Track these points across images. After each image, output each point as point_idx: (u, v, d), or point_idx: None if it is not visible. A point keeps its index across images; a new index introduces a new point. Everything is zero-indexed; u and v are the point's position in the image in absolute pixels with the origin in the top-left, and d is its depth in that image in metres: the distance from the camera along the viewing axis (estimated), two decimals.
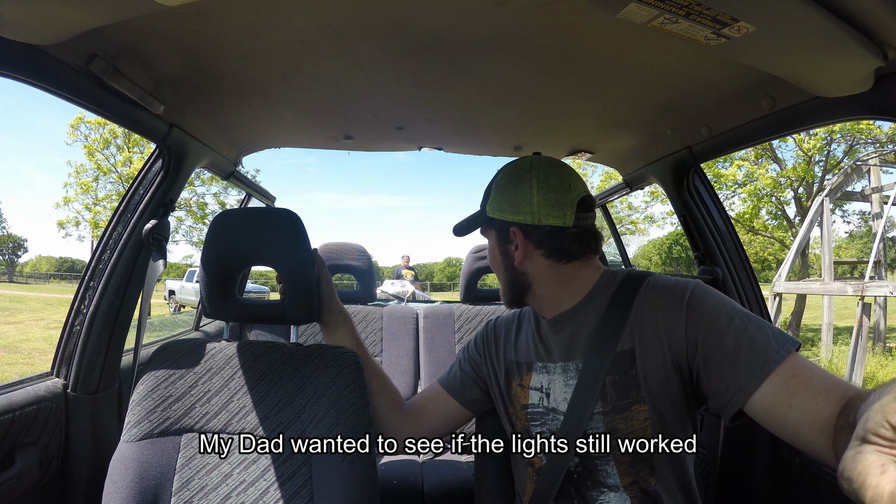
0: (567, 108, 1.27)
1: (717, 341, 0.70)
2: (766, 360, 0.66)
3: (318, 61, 0.99)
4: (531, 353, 0.88)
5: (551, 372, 0.84)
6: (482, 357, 0.97)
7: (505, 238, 0.87)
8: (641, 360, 0.75)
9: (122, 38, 0.85)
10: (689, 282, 0.77)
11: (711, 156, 1.33)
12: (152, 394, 0.88)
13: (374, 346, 2.07)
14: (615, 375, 0.76)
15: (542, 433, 0.83)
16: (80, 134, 15.49)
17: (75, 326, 1.14)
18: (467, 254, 2.17)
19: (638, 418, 0.75)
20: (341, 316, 1.02)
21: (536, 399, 0.84)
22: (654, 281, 0.80)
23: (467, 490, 1.52)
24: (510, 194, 0.85)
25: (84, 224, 16.75)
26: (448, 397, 0.98)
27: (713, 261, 1.44)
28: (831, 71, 0.75)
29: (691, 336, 0.72)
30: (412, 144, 1.65)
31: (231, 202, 17.37)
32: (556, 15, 0.78)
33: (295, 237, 0.89)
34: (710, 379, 0.71)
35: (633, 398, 0.75)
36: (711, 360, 0.70)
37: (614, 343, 0.77)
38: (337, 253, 2.13)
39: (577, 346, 0.82)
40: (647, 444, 0.75)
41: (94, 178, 15.97)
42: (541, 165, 0.85)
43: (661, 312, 0.75)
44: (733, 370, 0.68)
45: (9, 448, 0.95)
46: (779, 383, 0.64)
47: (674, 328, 0.73)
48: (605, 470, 0.78)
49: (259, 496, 0.82)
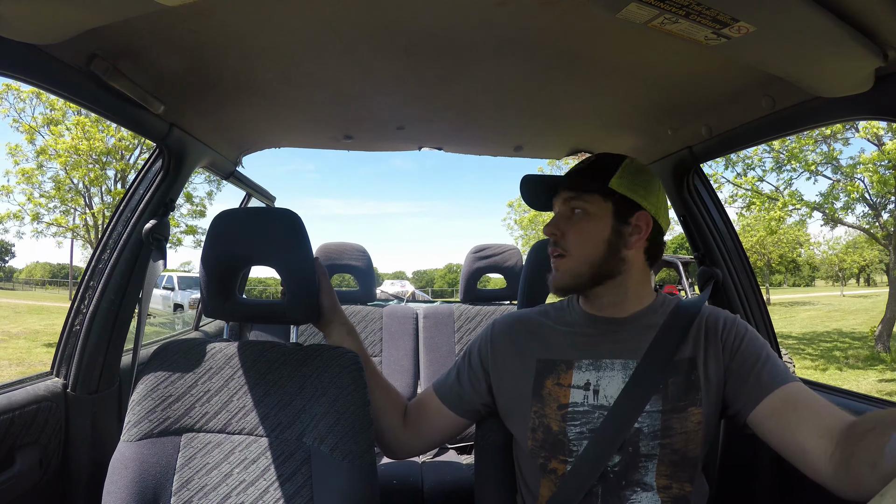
0: (567, 108, 1.27)
1: (750, 355, 0.81)
2: (781, 376, 0.77)
3: (318, 61, 0.99)
4: (571, 351, 0.86)
5: (602, 368, 0.83)
6: (486, 366, 0.93)
7: (625, 218, 0.83)
8: (703, 368, 0.81)
9: (122, 38, 0.85)
10: (736, 315, 0.89)
11: (711, 156, 1.33)
12: (152, 393, 0.88)
13: (374, 346, 2.06)
14: (677, 378, 0.81)
15: (580, 433, 0.81)
16: (8, 104, 11.02)
17: (75, 326, 1.14)
18: (467, 254, 2.17)
19: (693, 420, 0.79)
20: (345, 328, 1.00)
21: (580, 398, 0.82)
22: (709, 306, 0.90)
23: (467, 490, 1.52)
24: (645, 179, 0.85)
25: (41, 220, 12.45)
26: (442, 407, 0.95)
27: (713, 262, 1.44)
28: (831, 71, 0.75)
29: (735, 348, 0.82)
30: (412, 144, 1.65)
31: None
32: (556, 15, 0.78)
33: (295, 237, 0.89)
34: (736, 383, 0.80)
35: (690, 400, 0.80)
36: (741, 369, 0.80)
37: (674, 351, 0.82)
38: (337, 253, 2.13)
39: (634, 349, 0.83)
40: (697, 448, 0.79)
41: (38, 165, 12.04)
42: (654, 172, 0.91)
43: (721, 327, 0.84)
44: (757, 377, 0.78)
45: (9, 448, 0.95)
46: (789, 393, 0.75)
47: (730, 341, 0.83)
48: (646, 468, 0.79)
49: (259, 496, 0.82)
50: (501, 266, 2.12)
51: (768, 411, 0.74)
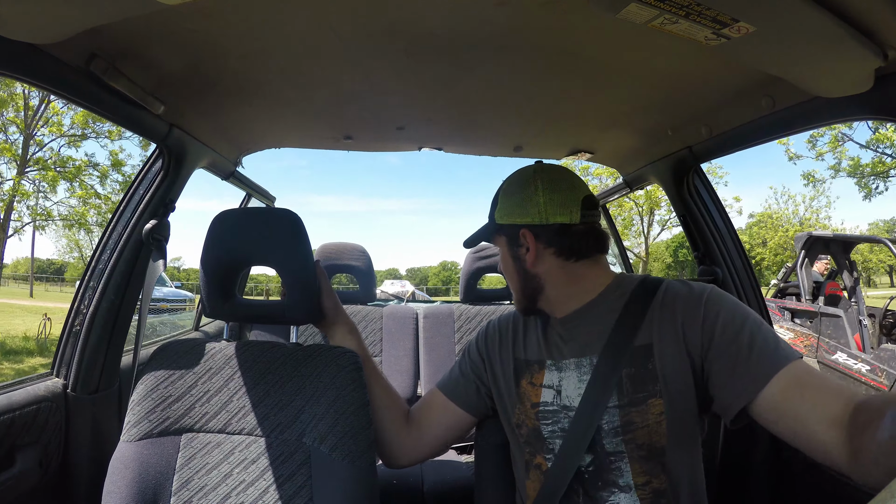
0: (567, 108, 1.27)
1: (731, 339, 0.73)
2: (777, 359, 0.69)
3: (318, 61, 0.99)
4: (542, 352, 0.88)
5: (563, 369, 0.84)
6: (484, 358, 0.96)
7: (515, 242, 0.88)
8: (659, 355, 0.77)
9: (122, 38, 0.85)
10: (706, 284, 0.81)
11: (711, 156, 1.33)
12: (152, 394, 0.88)
13: (374, 346, 2.06)
14: (631, 369, 0.77)
15: (553, 432, 0.82)
16: None
17: (75, 326, 1.14)
18: (467, 254, 2.16)
19: (653, 412, 0.76)
20: (347, 328, 1.00)
21: (549, 397, 0.83)
22: (671, 282, 0.84)
23: (467, 490, 1.52)
24: (517, 198, 0.87)
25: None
26: (449, 403, 0.96)
27: (713, 261, 1.44)
28: (831, 71, 0.75)
29: (707, 332, 0.75)
30: (412, 144, 1.65)
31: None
32: (556, 15, 0.79)
33: (295, 237, 0.89)
34: (721, 375, 0.73)
35: (649, 391, 0.76)
36: (724, 357, 0.73)
37: (631, 338, 0.79)
38: (336, 253, 2.13)
39: (592, 342, 0.82)
40: (662, 439, 0.76)
41: None
42: (544, 170, 0.89)
43: (680, 309, 0.78)
44: (745, 365, 0.70)
45: (9, 448, 0.95)
46: (789, 379, 0.67)
47: (691, 324, 0.76)
48: (619, 468, 0.78)
49: (259, 496, 0.82)
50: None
51: (768, 405, 0.68)
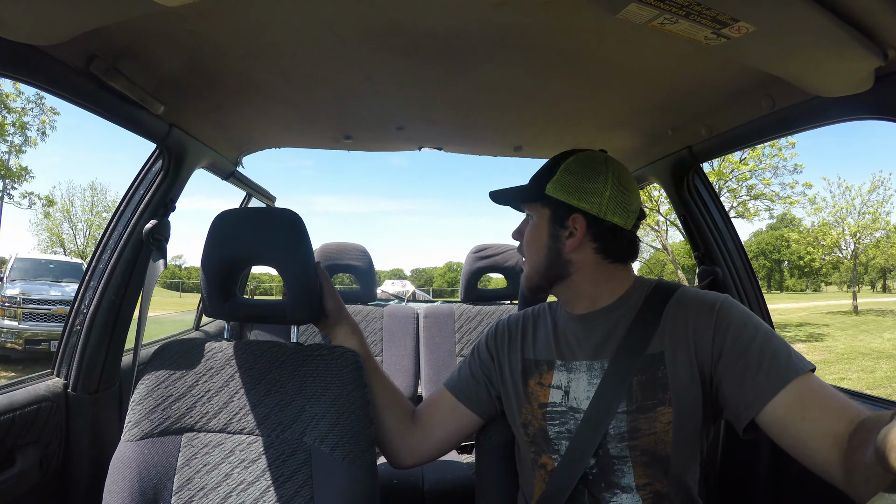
0: (567, 108, 1.27)
1: (741, 350, 0.73)
2: (785, 372, 0.69)
3: (318, 61, 0.99)
4: (552, 352, 0.87)
5: (573, 370, 0.83)
6: (493, 357, 0.94)
7: (561, 222, 0.84)
8: (671, 364, 0.77)
9: (122, 38, 0.85)
10: (720, 294, 0.81)
11: (711, 156, 1.33)
12: (152, 393, 0.88)
13: (375, 345, 2.06)
14: (642, 376, 0.77)
15: (559, 433, 0.82)
16: None
17: (75, 326, 1.14)
18: (468, 253, 2.17)
19: (662, 420, 0.76)
20: (350, 328, 1.00)
21: (558, 398, 0.83)
22: (685, 290, 0.84)
23: (467, 489, 1.52)
24: (582, 180, 0.83)
25: None
26: (458, 404, 0.94)
27: (713, 261, 1.44)
28: (831, 71, 0.75)
29: (718, 343, 0.75)
30: (412, 144, 1.65)
31: None
32: (556, 15, 0.78)
33: (296, 237, 0.89)
34: (731, 386, 0.73)
35: (658, 399, 0.76)
36: (734, 368, 0.73)
37: (644, 346, 0.78)
38: (337, 253, 2.14)
39: (606, 346, 0.82)
40: (666, 447, 0.76)
41: None
42: (616, 164, 0.86)
43: (693, 319, 0.78)
44: (754, 379, 0.71)
45: (9, 448, 0.95)
46: (794, 395, 0.68)
47: (702, 334, 0.76)
48: (622, 470, 0.78)
49: (259, 496, 0.82)
50: (502, 266, 2.13)
51: (771, 419, 0.68)
